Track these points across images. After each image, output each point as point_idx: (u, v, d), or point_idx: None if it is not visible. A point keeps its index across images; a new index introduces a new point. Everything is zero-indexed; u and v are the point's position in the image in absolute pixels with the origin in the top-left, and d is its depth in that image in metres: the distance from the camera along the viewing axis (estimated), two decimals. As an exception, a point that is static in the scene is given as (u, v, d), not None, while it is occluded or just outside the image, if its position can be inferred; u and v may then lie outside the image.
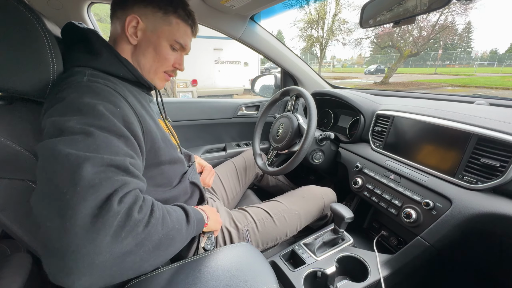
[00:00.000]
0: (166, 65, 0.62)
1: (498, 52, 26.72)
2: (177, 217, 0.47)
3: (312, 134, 0.85)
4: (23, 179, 0.39)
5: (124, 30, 0.55)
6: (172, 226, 0.43)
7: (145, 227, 0.37)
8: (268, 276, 0.54)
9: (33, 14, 0.43)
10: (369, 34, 17.69)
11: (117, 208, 0.34)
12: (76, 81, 0.45)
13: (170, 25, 0.58)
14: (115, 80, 0.52)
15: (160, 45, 0.59)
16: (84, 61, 0.51)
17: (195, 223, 0.52)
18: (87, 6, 1.05)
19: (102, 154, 0.37)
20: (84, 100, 0.40)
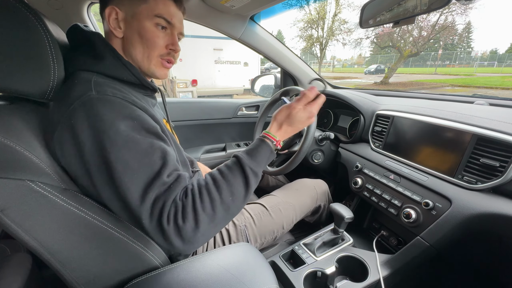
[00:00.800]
0: (157, 48, 0.56)
1: (498, 52, 26.73)
2: (228, 187, 0.49)
3: (312, 134, 0.85)
4: (23, 179, 0.39)
5: (108, 24, 0.53)
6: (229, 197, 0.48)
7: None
8: (268, 276, 0.54)
9: (34, 14, 0.43)
10: (369, 34, 17.70)
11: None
12: (87, 95, 0.43)
13: (146, 2, 0.53)
14: (120, 85, 0.51)
15: (143, 28, 0.53)
16: (89, 66, 0.50)
17: (254, 172, 0.52)
18: (87, 6, 1.05)
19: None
20: (114, 126, 0.42)
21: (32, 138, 0.42)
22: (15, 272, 0.64)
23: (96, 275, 0.49)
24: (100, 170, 0.42)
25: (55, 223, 0.42)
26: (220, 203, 0.46)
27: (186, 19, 1.13)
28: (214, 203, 0.46)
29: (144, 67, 0.57)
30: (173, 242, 0.43)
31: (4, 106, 0.46)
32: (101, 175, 0.42)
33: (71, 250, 0.45)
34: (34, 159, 0.39)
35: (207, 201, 0.45)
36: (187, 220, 0.43)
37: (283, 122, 0.62)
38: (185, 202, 0.44)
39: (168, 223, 0.42)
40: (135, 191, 0.42)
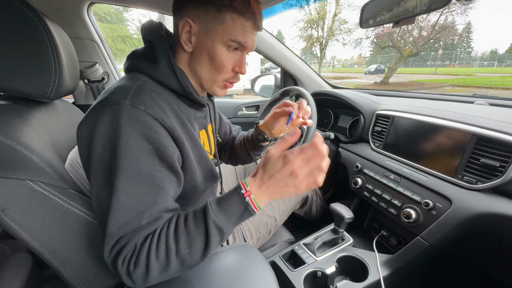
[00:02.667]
0: (224, 72, 0.53)
1: (498, 52, 26.70)
2: (188, 242, 0.43)
3: (312, 134, 0.85)
4: (23, 179, 0.39)
5: (179, 36, 0.51)
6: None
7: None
8: (268, 276, 0.54)
9: (35, 14, 0.43)
10: (369, 34, 17.71)
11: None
12: (119, 104, 0.42)
13: (223, 23, 0.49)
14: (166, 93, 0.50)
15: (214, 49, 0.50)
16: (142, 67, 0.50)
17: (218, 228, 0.44)
18: (87, 6, 1.05)
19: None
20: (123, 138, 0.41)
21: (33, 138, 0.42)
22: (15, 272, 0.64)
23: (96, 275, 0.49)
24: (97, 179, 0.42)
25: (55, 223, 0.42)
26: (175, 255, 0.42)
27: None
28: (169, 253, 0.42)
29: (206, 86, 0.56)
30: (125, 281, 0.42)
31: (5, 106, 0.46)
32: (97, 183, 0.42)
33: (71, 250, 0.45)
34: (34, 159, 0.39)
35: (163, 250, 0.42)
36: (138, 267, 0.40)
37: (269, 175, 0.45)
38: (141, 248, 0.41)
39: (122, 265, 0.41)
40: (115, 219, 0.40)
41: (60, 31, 0.53)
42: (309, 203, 1.03)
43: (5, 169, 0.38)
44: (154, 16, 1.43)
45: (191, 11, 0.50)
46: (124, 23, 13.08)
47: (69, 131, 0.60)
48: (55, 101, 0.61)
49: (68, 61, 0.52)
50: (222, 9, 0.48)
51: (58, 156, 0.47)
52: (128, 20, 14.29)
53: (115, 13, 11.41)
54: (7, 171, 0.38)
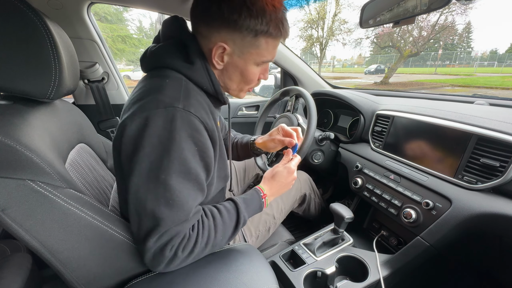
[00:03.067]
0: (252, 83, 0.60)
1: (498, 52, 26.65)
2: (223, 234, 0.53)
3: (312, 134, 0.85)
4: (23, 179, 0.39)
5: (210, 55, 0.53)
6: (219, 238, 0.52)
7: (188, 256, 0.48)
8: (268, 276, 0.54)
9: (36, 14, 0.43)
10: (369, 34, 17.70)
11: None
12: (173, 107, 0.44)
13: (258, 48, 0.53)
14: (200, 94, 0.52)
15: (247, 69, 0.55)
16: (180, 67, 0.51)
17: (244, 221, 0.57)
18: (87, 6, 1.05)
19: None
20: (177, 147, 0.44)
21: (33, 138, 0.42)
22: (15, 272, 0.64)
23: (97, 275, 0.49)
24: (140, 175, 0.44)
25: (55, 222, 0.42)
26: (213, 241, 0.51)
27: (186, 19, 1.13)
28: (209, 240, 0.50)
29: (232, 92, 0.61)
30: (159, 266, 0.47)
31: (6, 106, 0.46)
32: (138, 179, 0.44)
33: (71, 250, 0.45)
34: (34, 159, 0.39)
35: (206, 238, 0.50)
36: (184, 252, 0.47)
37: (275, 184, 0.66)
38: (190, 236, 0.48)
39: (170, 251, 0.45)
40: (166, 212, 0.44)
41: (60, 31, 0.53)
42: (307, 202, 1.04)
43: (5, 169, 0.38)
44: (154, 16, 1.43)
45: (225, 35, 0.51)
46: (124, 23, 13.07)
47: (69, 131, 0.60)
48: (55, 101, 0.61)
49: (68, 61, 0.52)
50: (258, 35, 0.51)
51: (58, 156, 0.47)
52: (128, 20, 14.27)
53: (115, 13, 11.41)
54: (7, 171, 0.38)
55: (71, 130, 0.61)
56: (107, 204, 0.66)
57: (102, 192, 0.66)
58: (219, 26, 0.50)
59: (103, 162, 0.78)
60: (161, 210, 0.43)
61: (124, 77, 4.78)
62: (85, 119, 0.74)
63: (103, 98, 1.20)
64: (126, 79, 10.33)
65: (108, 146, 0.85)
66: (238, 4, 0.47)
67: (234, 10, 0.47)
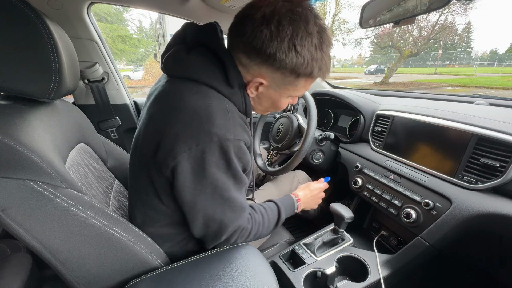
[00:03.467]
0: (281, 110, 0.66)
1: (498, 52, 26.65)
2: (268, 227, 0.66)
3: (312, 134, 0.85)
4: (24, 179, 0.39)
5: (247, 84, 0.54)
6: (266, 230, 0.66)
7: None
8: (268, 276, 0.54)
9: (36, 14, 0.43)
10: (369, 34, 17.68)
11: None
12: (226, 138, 0.48)
13: (296, 86, 0.53)
14: (238, 114, 0.54)
15: (280, 100, 0.58)
16: (222, 90, 0.51)
17: (283, 220, 0.70)
18: (87, 6, 1.05)
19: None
20: (233, 168, 0.51)
21: (33, 138, 0.42)
22: (15, 272, 0.64)
23: (96, 275, 0.49)
24: (207, 198, 0.51)
25: (55, 222, 0.42)
26: (260, 233, 0.64)
27: (186, 19, 1.13)
28: (257, 232, 0.63)
29: (257, 111, 0.65)
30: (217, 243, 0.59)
31: (6, 106, 0.46)
32: (206, 201, 0.51)
33: (71, 250, 0.45)
34: (34, 159, 0.39)
35: (255, 229, 0.62)
36: (241, 239, 0.60)
37: (308, 195, 0.83)
38: (247, 227, 0.59)
39: (234, 240, 0.59)
40: (233, 216, 0.54)
41: (60, 31, 0.53)
42: None
43: (5, 169, 0.38)
44: (154, 16, 1.43)
45: (265, 71, 0.51)
46: (124, 23, 13.07)
47: (69, 131, 0.60)
48: (55, 101, 0.61)
49: (68, 61, 0.52)
50: (300, 76, 0.51)
51: (58, 156, 0.47)
52: (128, 20, 14.26)
53: (115, 13, 11.41)
54: (7, 171, 0.38)
55: (71, 130, 0.61)
56: (107, 204, 0.66)
57: (102, 192, 0.66)
58: (262, 63, 0.49)
59: (103, 162, 0.78)
60: (228, 216, 0.53)
61: (124, 77, 4.75)
62: (85, 119, 0.74)
63: (103, 98, 1.20)
64: (126, 79, 10.31)
65: (108, 146, 0.85)
66: (287, 47, 0.46)
67: (282, 52, 0.46)
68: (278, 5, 0.45)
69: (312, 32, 0.46)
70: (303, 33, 0.46)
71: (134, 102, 1.38)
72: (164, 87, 0.54)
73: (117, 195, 0.74)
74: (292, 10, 0.45)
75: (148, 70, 16.77)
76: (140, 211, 0.60)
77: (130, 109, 1.32)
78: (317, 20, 0.48)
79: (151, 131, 0.52)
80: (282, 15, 0.45)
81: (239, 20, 0.49)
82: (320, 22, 0.48)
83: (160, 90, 0.54)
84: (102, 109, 1.22)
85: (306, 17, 0.46)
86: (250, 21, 0.46)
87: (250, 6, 0.48)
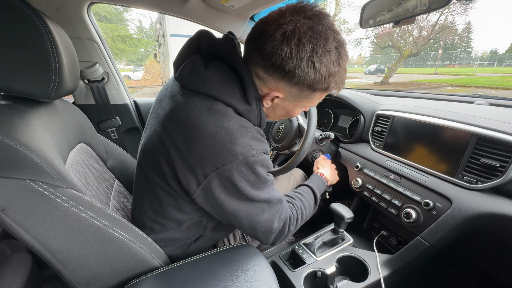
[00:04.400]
0: (293, 117, 0.68)
1: (498, 52, 26.62)
2: (309, 207, 0.72)
3: (312, 134, 0.85)
4: (24, 179, 0.39)
5: (262, 96, 0.55)
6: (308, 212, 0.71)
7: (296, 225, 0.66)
8: (268, 276, 0.54)
9: (36, 14, 0.43)
10: (369, 34, 17.69)
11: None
12: (251, 155, 0.50)
13: (311, 98, 0.54)
14: (254, 127, 0.55)
15: (294, 110, 0.59)
16: (240, 110, 0.52)
17: (319, 198, 0.78)
18: (87, 6, 1.05)
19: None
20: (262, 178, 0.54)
21: (33, 138, 0.42)
22: (15, 272, 0.64)
23: (96, 275, 0.49)
24: (247, 207, 0.54)
25: (55, 222, 0.42)
26: (305, 215, 0.69)
27: (186, 19, 1.13)
28: (303, 216, 0.68)
29: (270, 118, 0.66)
30: (278, 241, 0.63)
31: (6, 106, 0.46)
32: (247, 210, 0.54)
33: (71, 250, 0.45)
34: (34, 159, 0.39)
35: (301, 214, 0.67)
36: (292, 226, 0.63)
37: (328, 170, 0.91)
38: (293, 215, 0.64)
39: (285, 230, 0.62)
40: (273, 214, 0.58)
41: (60, 31, 0.53)
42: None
43: (5, 169, 0.38)
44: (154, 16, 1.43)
45: (282, 85, 0.51)
46: (124, 23, 13.07)
47: (69, 131, 0.60)
48: (55, 101, 0.61)
49: (68, 61, 0.52)
50: (317, 91, 0.52)
51: (58, 156, 0.47)
52: (128, 20, 14.26)
53: (115, 13, 11.40)
54: (7, 171, 0.38)
55: (71, 130, 0.61)
56: (107, 204, 0.66)
57: (102, 192, 0.66)
58: (280, 78, 0.49)
59: (103, 162, 0.78)
60: (270, 214, 0.57)
61: (124, 77, 4.74)
62: (85, 119, 0.74)
63: (103, 98, 1.20)
64: (126, 79, 10.30)
65: (108, 146, 0.85)
66: (306, 64, 0.46)
67: (301, 69, 0.46)
68: (299, 24, 0.45)
69: (331, 49, 0.46)
70: (322, 51, 0.46)
71: (134, 102, 1.38)
72: (180, 102, 0.52)
73: (117, 195, 0.74)
74: (313, 28, 0.45)
75: (148, 70, 16.78)
76: (151, 219, 0.60)
77: (130, 109, 1.32)
78: (336, 36, 0.48)
79: (169, 146, 0.51)
80: (303, 34, 0.44)
81: (257, 36, 0.48)
82: (339, 37, 0.48)
83: (177, 105, 0.52)
84: (102, 109, 1.22)
85: (325, 35, 0.46)
86: (270, 38, 0.46)
87: (268, 22, 0.48)
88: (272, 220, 0.58)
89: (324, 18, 0.47)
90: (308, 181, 0.80)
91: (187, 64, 0.55)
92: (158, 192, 0.56)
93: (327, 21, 0.47)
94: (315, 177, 0.84)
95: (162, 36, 8.71)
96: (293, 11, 0.46)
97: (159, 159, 0.53)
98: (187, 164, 0.49)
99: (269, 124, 1.22)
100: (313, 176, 0.85)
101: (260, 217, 0.56)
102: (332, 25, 0.47)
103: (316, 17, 0.46)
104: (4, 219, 0.39)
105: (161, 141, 0.52)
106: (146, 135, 0.60)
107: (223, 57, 0.53)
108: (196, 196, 0.52)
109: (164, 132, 0.52)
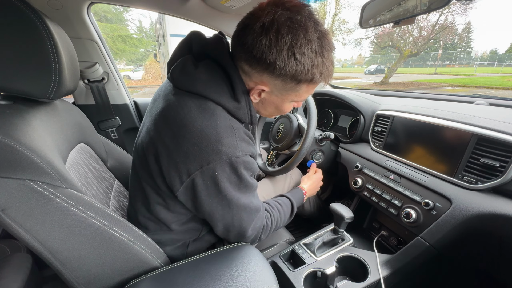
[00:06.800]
0: (285, 113, 0.70)
1: (498, 52, 26.59)
2: (284, 221, 0.74)
3: (312, 134, 0.85)
4: (23, 179, 0.39)
5: (249, 91, 0.55)
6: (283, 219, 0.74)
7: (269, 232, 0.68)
8: (268, 276, 0.54)
9: (36, 14, 0.43)
10: (369, 34, 17.68)
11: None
12: (235, 156, 0.50)
13: (298, 91, 0.54)
14: (242, 128, 0.55)
15: (283, 105, 0.59)
16: (229, 108, 0.52)
17: (296, 207, 0.79)
18: (87, 6, 1.05)
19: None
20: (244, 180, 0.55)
21: (33, 138, 0.42)
22: (15, 272, 0.64)
23: (96, 275, 0.49)
24: (224, 209, 0.54)
25: (55, 222, 0.42)
26: (279, 225, 0.71)
27: (186, 19, 1.13)
28: (277, 225, 0.70)
29: (262, 115, 0.69)
30: (252, 242, 0.66)
31: (6, 106, 0.46)
32: (223, 212, 0.55)
33: (71, 250, 0.45)
34: (34, 159, 0.39)
35: (275, 224, 0.69)
36: (264, 234, 0.66)
37: (311, 185, 0.94)
38: (268, 224, 0.66)
39: (257, 236, 0.64)
40: (248, 219, 0.59)
41: (60, 31, 0.53)
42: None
43: (5, 169, 0.38)
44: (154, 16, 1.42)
45: (267, 78, 0.51)
46: (124, 23, 13.07)
47: (69, 131, 0.60)
48: (55, 101, 0.61)
49: (68, 61, 0.52)
50: (301, 82, 0.51)
51: (58, 156, 0.47)
52: (128, 20, 14.27)
53: (115, 13, 11.40)
54: (7, 171, 0.38)
55: (71, 130, 0.61)
56: (107, 204, 0.66)
57: (102, 192, 0.66)
58: (263, 71, 0.50)
59: (103, 162, 0.78)
60: (245, 220, 0.58)
61: (124, 77, 4.74)
62: (85, 119, 0.74)
63: (103, 98, 1.20)
64: (126, 79, 10.28)
65: (108, 146, 0.85)
66: (286, 55, 0.46)
67: (281, 60, 0.46)
68: (277, 14, 0.45)
69: (311, 39, 0.46)
70: (302, 41, 0.45)
71: (134, 102, 1.38)
72: (171, 101, 0.53)
73: (117, 195, 0.74)
74: (291, 18, 0.45)
75: (148, 70, 16.76)
76: (145, 217, 0.61)
77: (130, 109, 1.32)
78: (317, 26, 0.47)
79: (157, 143, 0.52)
80: (281, 24, 0.45)
81: (240, 30, 0.49)
82: (320, 28, 0.48)
83: (168, 104, 0.53)
84: (102, 109, 1.22)
85: (305, 25, 0.45)
86: (250, 31, 0.47)
87: (250, 16, 0.48)
88: (246, 228, 0.59)
89: (303, 9, 0.47)
90: (291, 194, 0.82)
91: (178, 64, 0.55)
92: (147, 190, 0.57)
93: (306, 11, 0.47)
94: (298, 192, 0.85)
95: (162, 36, 8.72)
96: (273, 4, 0.47)
97: (148, 157, 0.54)
98: (172, 162, 0.50)
99: (269, 124, 1.23)
100: (297, 190, 0.87)
101: (236, 222, 0.57)
102: (312, 15, 0.47)
103: (294, 7, 0.46)
104: (4, 219, 0.39)
105: (151, 139, 0.53)
106: (140, 134, 0.61)
107: (212, 56, 0.54)
108: (179, 194, 0.53)
109: (154, 130, 0.53)
